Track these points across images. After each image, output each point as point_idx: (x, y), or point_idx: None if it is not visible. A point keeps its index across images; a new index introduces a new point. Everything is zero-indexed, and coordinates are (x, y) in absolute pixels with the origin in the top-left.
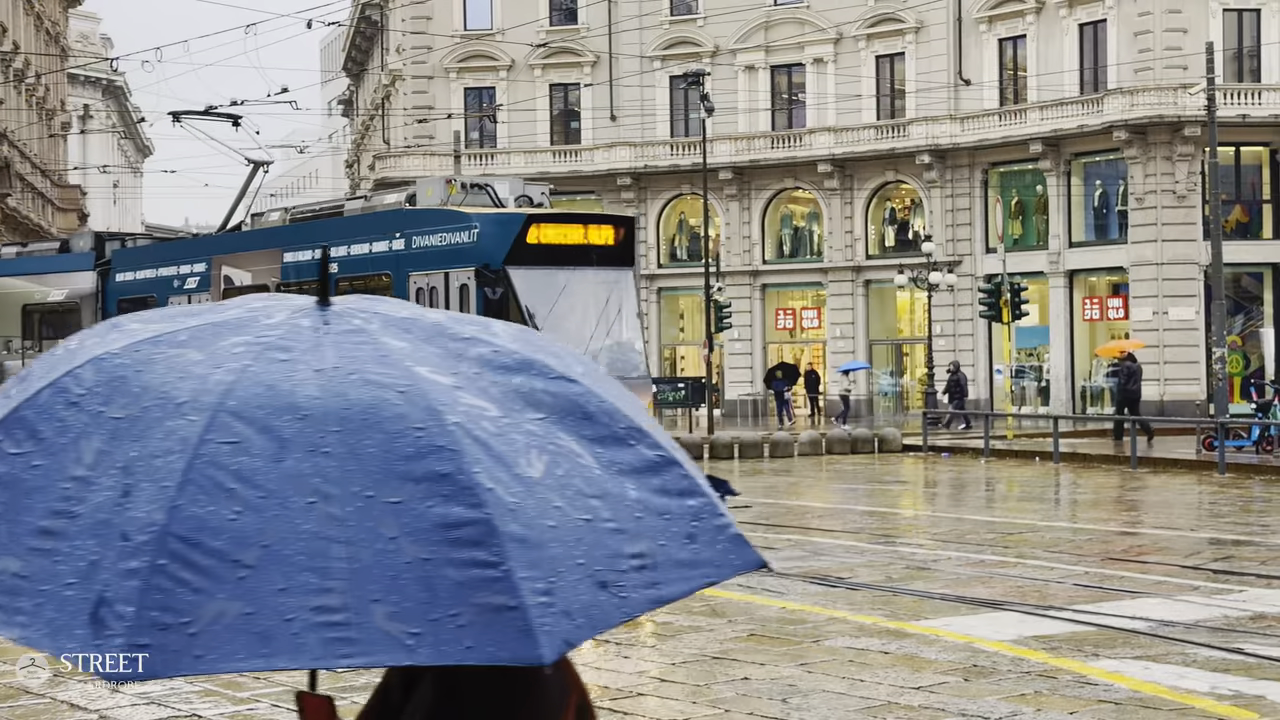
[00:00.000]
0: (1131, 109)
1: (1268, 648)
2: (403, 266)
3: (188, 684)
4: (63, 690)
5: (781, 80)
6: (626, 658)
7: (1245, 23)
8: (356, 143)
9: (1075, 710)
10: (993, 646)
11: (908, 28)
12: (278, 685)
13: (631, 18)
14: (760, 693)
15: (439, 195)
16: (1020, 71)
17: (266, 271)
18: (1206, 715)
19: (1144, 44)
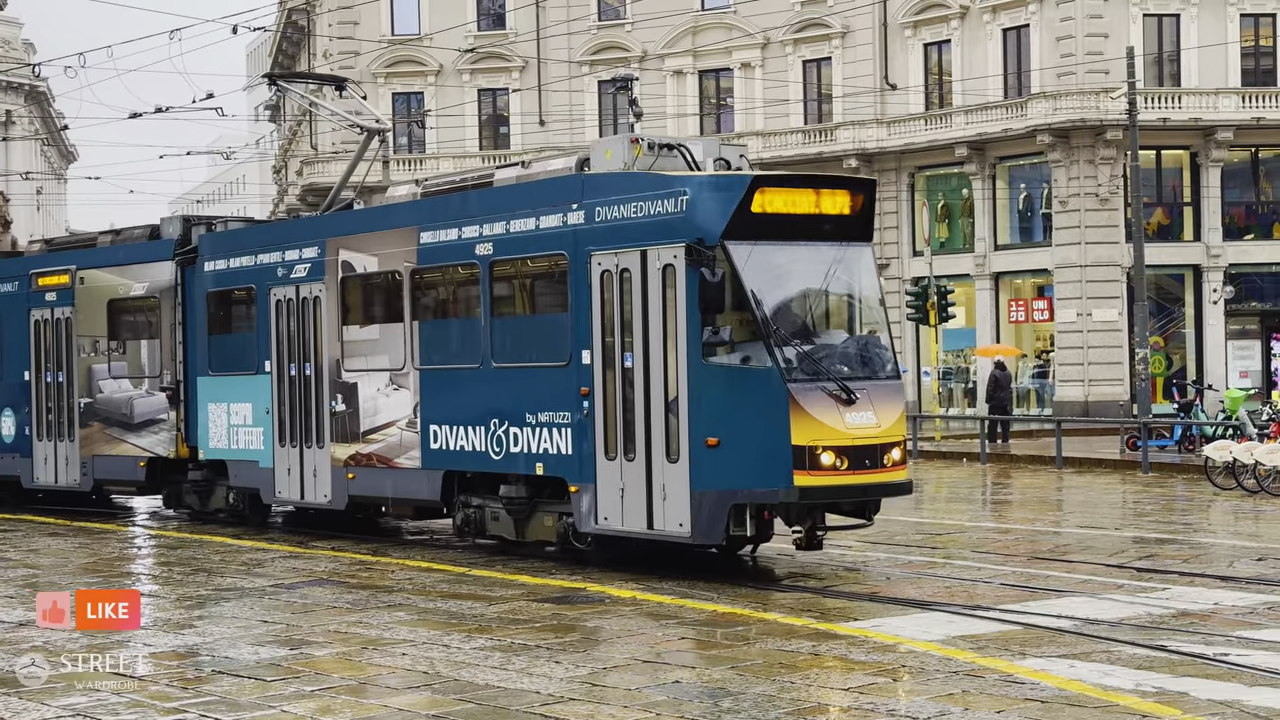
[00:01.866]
0: (1054, 113)
1: (1191, 645)
2: (582, 245)
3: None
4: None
5: (709, 85)
6: (558, 663)
7: (1165, 27)
8: (284, 148)
9: (1002, 709)
10: (921, 647)
11: (834, 33)
12: (206, 696)
13: (560, 23)
14: (692, 695)
15: (621, 157)
16: (945, 76)
17: (398, 256)
18: (1131, 712)
19: (1066, 49)
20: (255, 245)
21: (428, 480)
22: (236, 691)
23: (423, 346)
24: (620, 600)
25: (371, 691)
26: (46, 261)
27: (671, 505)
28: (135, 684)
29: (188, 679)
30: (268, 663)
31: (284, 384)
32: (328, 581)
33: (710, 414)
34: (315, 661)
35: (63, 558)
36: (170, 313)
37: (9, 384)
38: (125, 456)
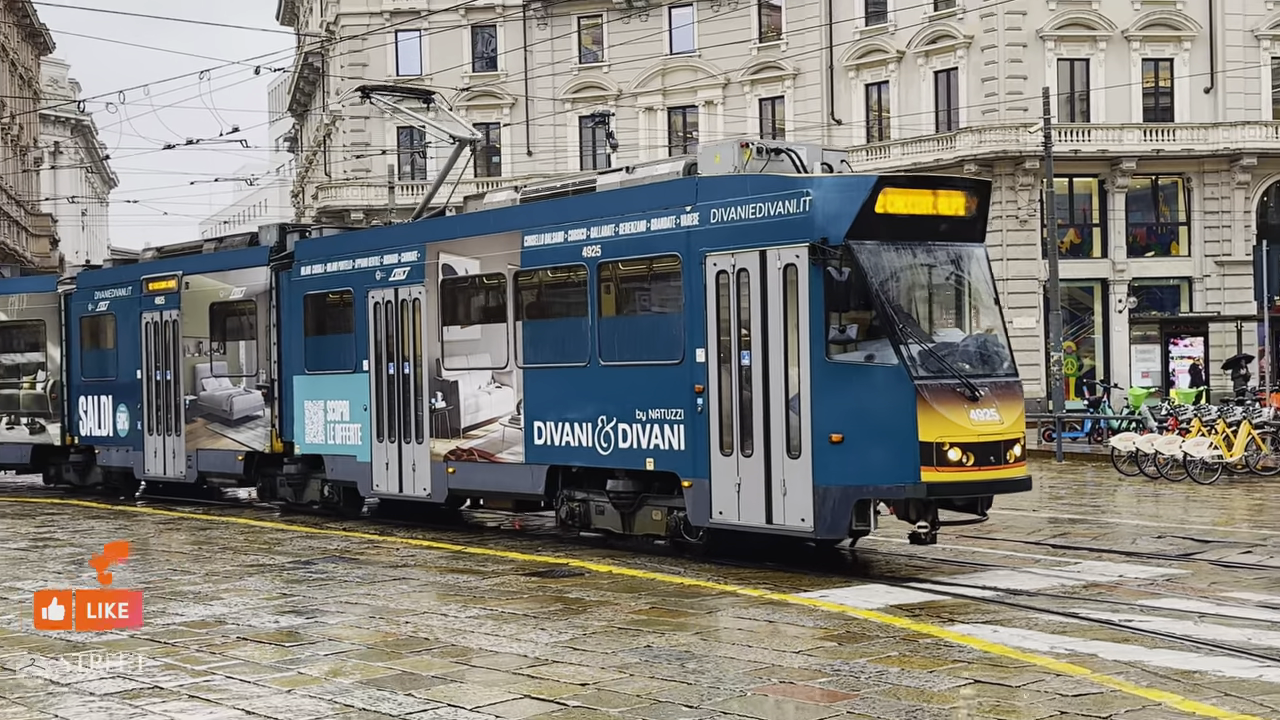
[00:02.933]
0: (980, 145)
1: (1099, 612)
2: (696, 246)
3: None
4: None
5: (677, 120)
6: (543, 629)
7: (1076, 70)
8: (301, 175)
9: (934, 669)
10: (863, 615)
11: (786, 74)
12: (232, 659)
13: (545, 65)
14: (661, 657)
15: (731, 161)
16: (885, 113)
17: (501, 258)
18: (1047, 671)
19: (990, 89)
20: (352, 250)
21: (531, 475)
22: (258, 655)
23: (526, 346)
24: (598, 574)
25: (378, 655)
26: (156, 268)
27: (792, 500)
28: (168, 649)
29: (215, 644)
30: (286, 630)
31: (382, 382)
32: (340, 558)
33: (834, 411)
34: (328, 629)
35: (105, 538)
36: (266, 315)
37: (123, 382)
38: (225, 450)
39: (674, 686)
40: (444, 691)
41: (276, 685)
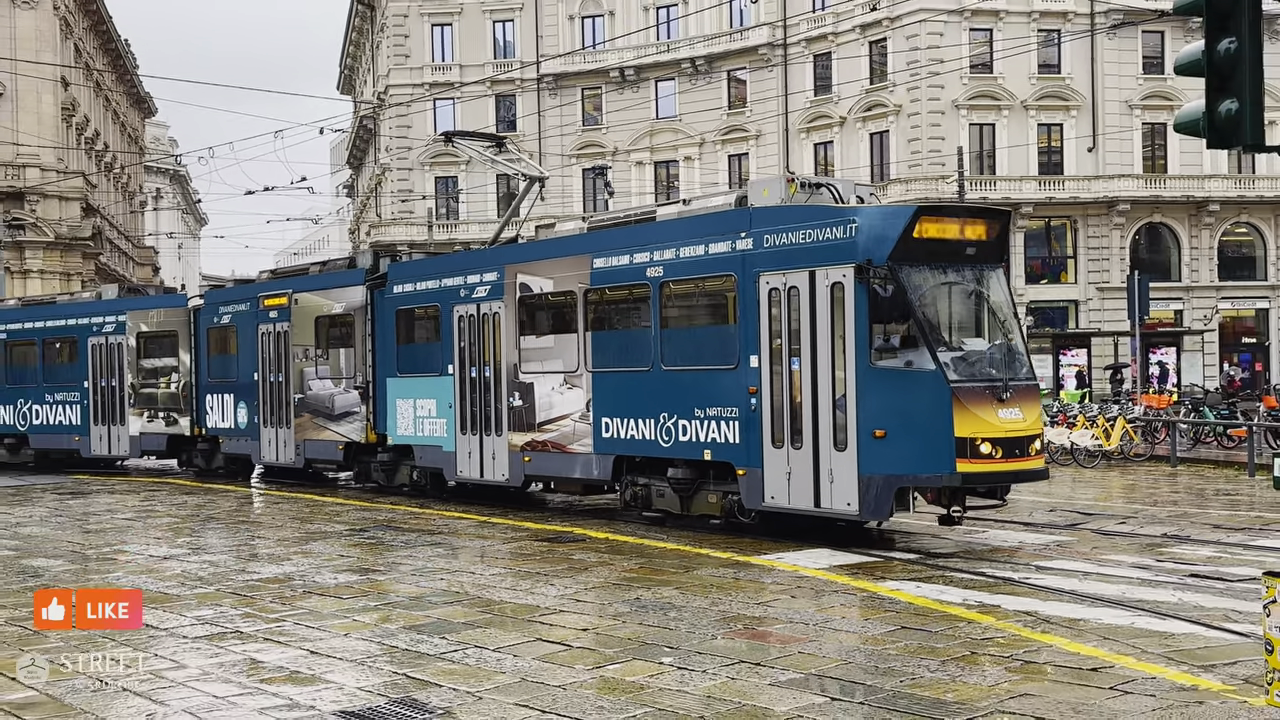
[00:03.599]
0: (906, 194)
1: (1002, 571)
2: (750, 267)
3: (242, 616)
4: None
5: (662, 172)
6: (551, 584)
7: (984, 133)
8: (356, 216)
9: (869, 617)
10: (812, 574)
11: (750, 135)
12: (299, 609)
13: (554, 126)
14: (648, 607)
15: (778, 194)
16: (829, 167)
17: (573, 278)
18: (960, 619)
19: (915, 148)
20: (438, 272)
21: (599, 463)
22: (321, 606)
23: (594, 352)
24: (597, 540)
25: (419, 605)
26: (270, 287)
27: (839, 487)
28: (247, 600)
29: (285, 597)
30: (343, 585)
31: (465, 384)
32: (387, 526)
33: (877, 410)
34: (378, 584)
35: (195, 510)
36: (362, 326)
37: (243, 383)
38: (328, 440)
39: (658, 631)
40: (471, 635)
41: (336, 630)
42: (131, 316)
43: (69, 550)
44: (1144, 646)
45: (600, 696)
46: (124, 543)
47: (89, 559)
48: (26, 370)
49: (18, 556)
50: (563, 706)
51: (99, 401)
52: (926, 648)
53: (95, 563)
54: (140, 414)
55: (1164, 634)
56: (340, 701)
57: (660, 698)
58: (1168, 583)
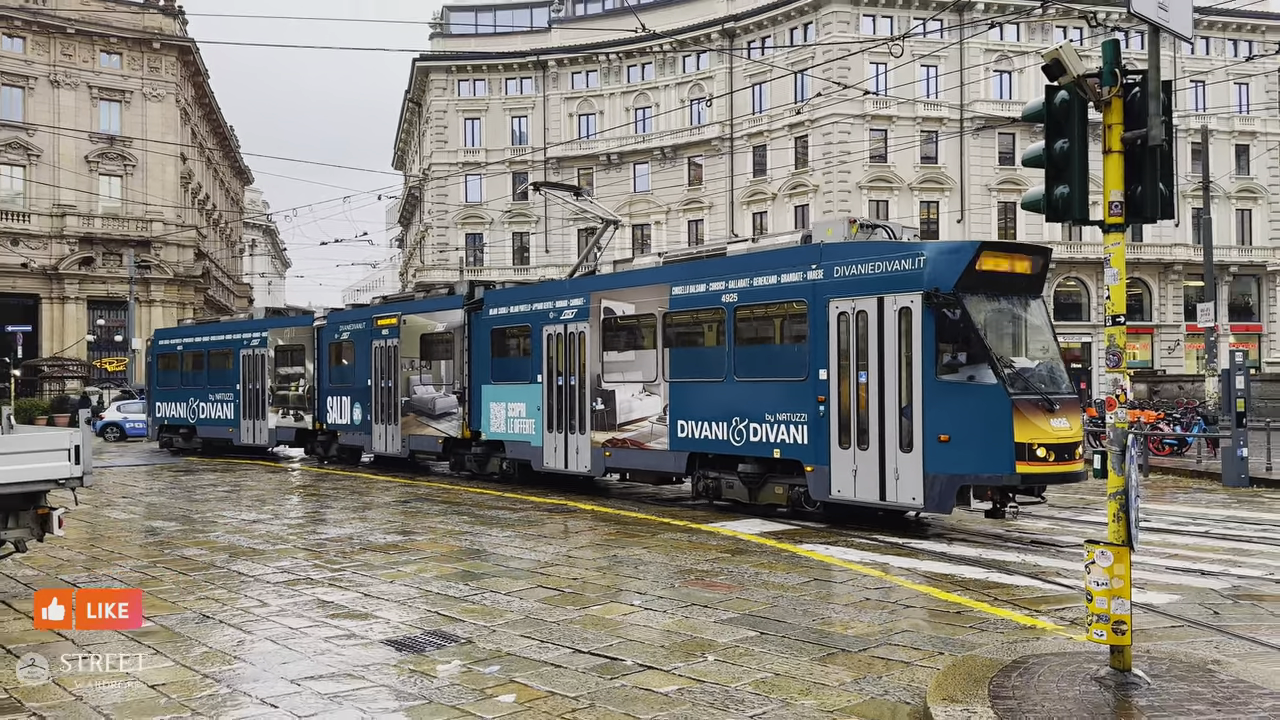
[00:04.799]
0: None
1: (892, 538)
2: (821, 293)
3: (312, 567)
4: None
5: (639, 233)
6: (549, 545)
7: (880, 208)
8: (405, 262)
9: (790, 571)
10: (747, 538)
11: (705, 206)
12: (356, 561)
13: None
14: (623, 562)
15: (841, 233)
16: (764, 232)
17: (653, 303)
18: (857, 573)
19: (829, 217)
20: (529, 298)
21: (674, 459)
22: (373, 560)
23: (671, 365)
24: (584, 511)
25: (447, 558)
26: (382, 310)
27: (904, 483)
28: (316, 555)
29: (345, 552)
30: (389, 544)
31: (552, 390)
32: (425, 499)
33: (942, 417)
34: (417, 543)
35: (274, 483)
36: (460, 342)
37: (357, 388)
38: (429, 435)
39: (630, 580)
40: (488, 583)
41: (383, 578)
42: (271, 333)
43: (180, 515)
44: (995, 595)
45: (585, 630)
46: (222, 510)
47: (194, 522)
48: (196, 375)
49: (144, 519)
50: (557, 638)
51: (246, 401)
52: (831, 594)
53: (199, 525)
54: (276, 411)
55: (1011, 586)
56: (386, 633)
57: (631, 631)
58: (1014, 547)
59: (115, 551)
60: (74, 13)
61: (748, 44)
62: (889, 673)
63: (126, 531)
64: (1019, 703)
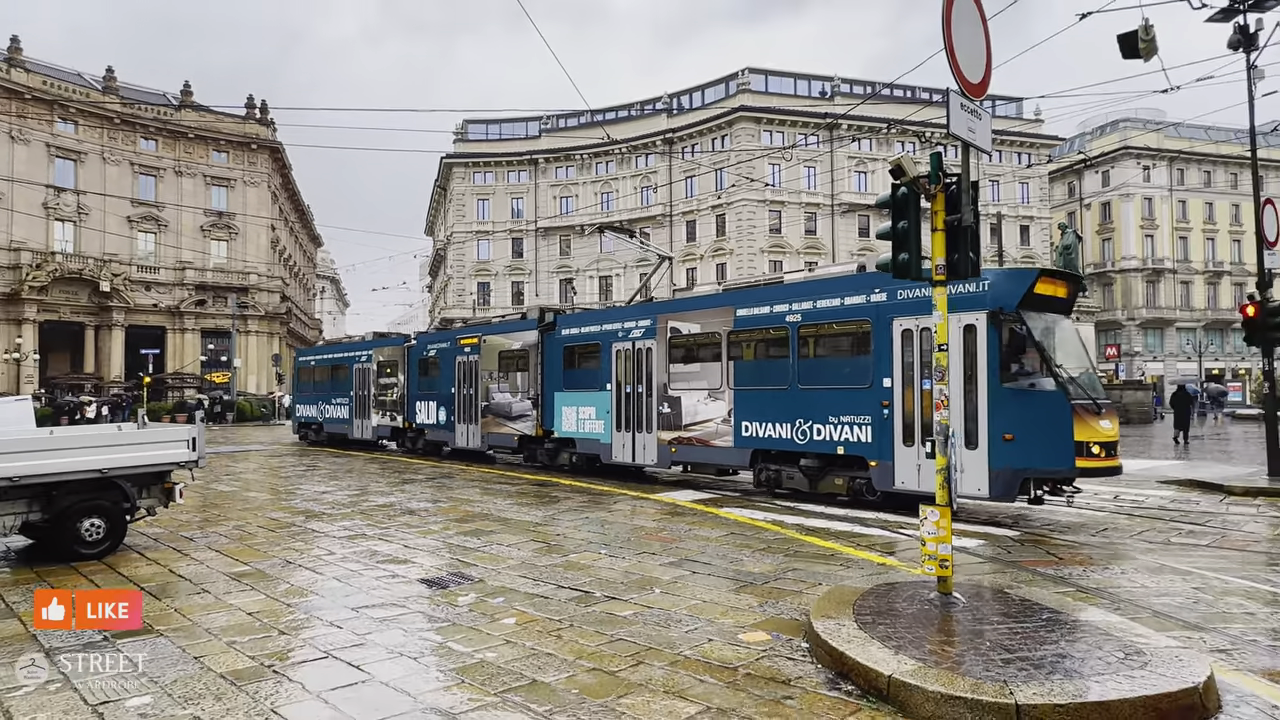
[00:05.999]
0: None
1: (791, 504)
2: (884, 313)
3: (360, 520)
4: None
5: (604, 284)
6: (539, 509)
7: (776, 265)
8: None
9: (715, 527)
10: (682, 504)
11: (652, 265)
12: (397, 523)
13: (545, 258)
14: (591, 523)
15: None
16: (695, 282)
17: (718, 323)
18: (764, 529)
19: (739, 273)
20: (598, 320)
21: (738, 454)
22: (409, 521)
23: (736, 375)
24: (564, 485)
25: (461, 516)
26: (463, 332)
27: (969, 477)
28: (368, 517)
29: (390, 515)
30: (420, 510)
31: (620, 396)
32: (447, 477)
33: (1007, 419)
34: (439, 508)
35: (340, 468)
36: (535, 357)
37: (442, 394)
38: (506, 433)
39: (597, 535)
40: (492, 538)
41: (416, 534)
42: (375, 351)
43: (268, 487)
44: (858, 543)
45: (566, 571)
46: (300, 484)
47: (279, 493)
48: (322, 384)
49: (241, 490)
50: (546, 577)
51: (357, 404)
52: (743, 544)
53: (282, 495)
54: (378, 413)
55: (869, 536)
56: (421, 574)
57: (598, 572)
58: (877, 508)
59: (221, 515)
60: (194, 122)
61: (682, 149)
62: (784, 598)
63: (231, 500)
64: (874, 616)
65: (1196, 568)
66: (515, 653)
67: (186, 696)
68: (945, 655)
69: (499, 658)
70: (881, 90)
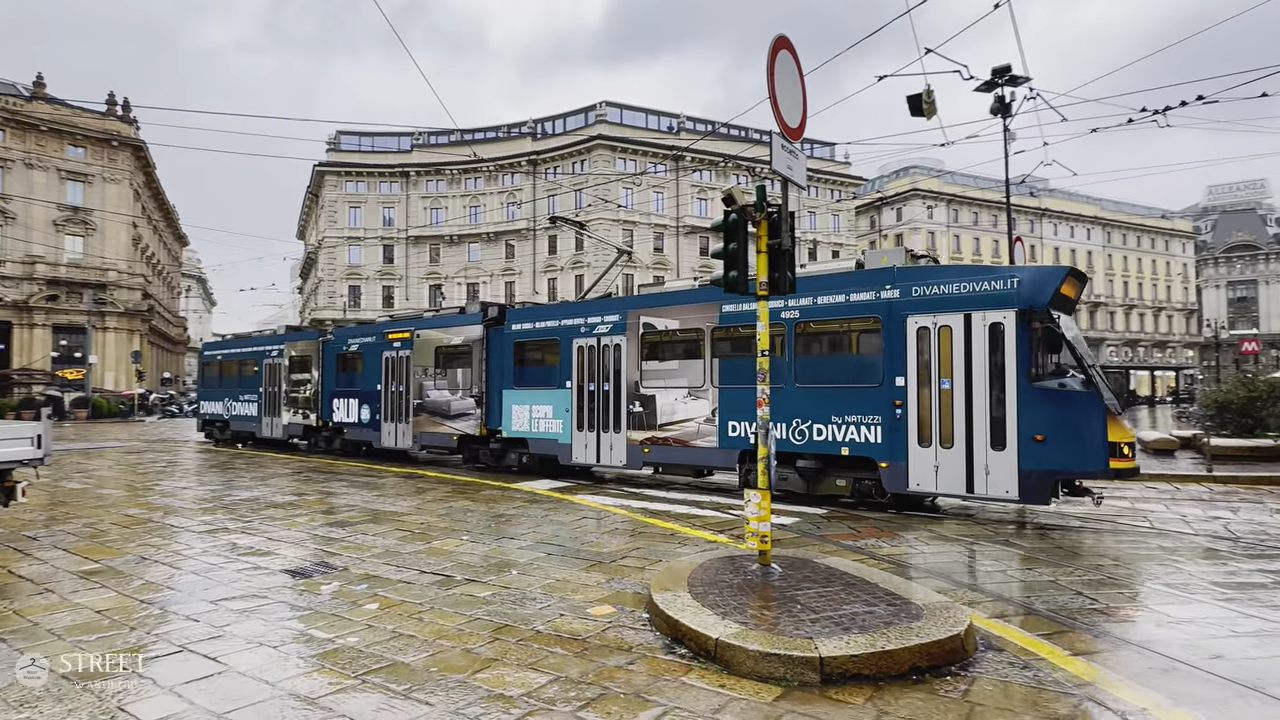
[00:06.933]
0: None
1: (633, 489)
2: (897, 310)
3: (222, 515)
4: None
5: (472, 289)
6: (405, 500)
7: (630, 281)
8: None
9: (569, 513)
10: (541, 492)
11: (516, 273)
12: (261, 516)
13: (416, 264)
14: (455, 512)
15: (898, 260)
16: (556, 293)
17: (700, 319)
18: (614, 513)
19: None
20: (556, 315)
21: (723, 455)
22: (273, 514)
23: (721, 373)
24: (431, 477)
25: (328, 513)
26: (391, 326)
27: (996, 478)
28: (231, 511)
29: (253, 509)
30: (286, 503)
31: (583, 395)
32: (314, 470)
33: (1037, 420)
34: (307, 501)
35: (205, 460)
36: (479, 353)
37: (365, 391)
38: (443, 433)
39: (459, 523)
40: (359, 529)
41: (281, 527)
42: (287, 346)
43: (124, 485)
44: (692, 524)
45: (428, 557)
46: (159, 481)
47: (136, 489)
48: (228, 379)
49: (94, 487)
50: (409, 563)
51: (266, 401)
52: (595, 527)
53: (140, 491)
54: (289, 410)
55: (704, 517)
56: (284, 565)
57: (460, 557)
58: (708, 491)
59: (70, 513)
60: (48, 114)
61: (545, 170)
62: (629, 575)
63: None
64: (705, 587)
65: (963, 537)
66: (377, 636)
67: (22, 700)
68: (764, 618)
69: (360, 642)
70: (720, 129)
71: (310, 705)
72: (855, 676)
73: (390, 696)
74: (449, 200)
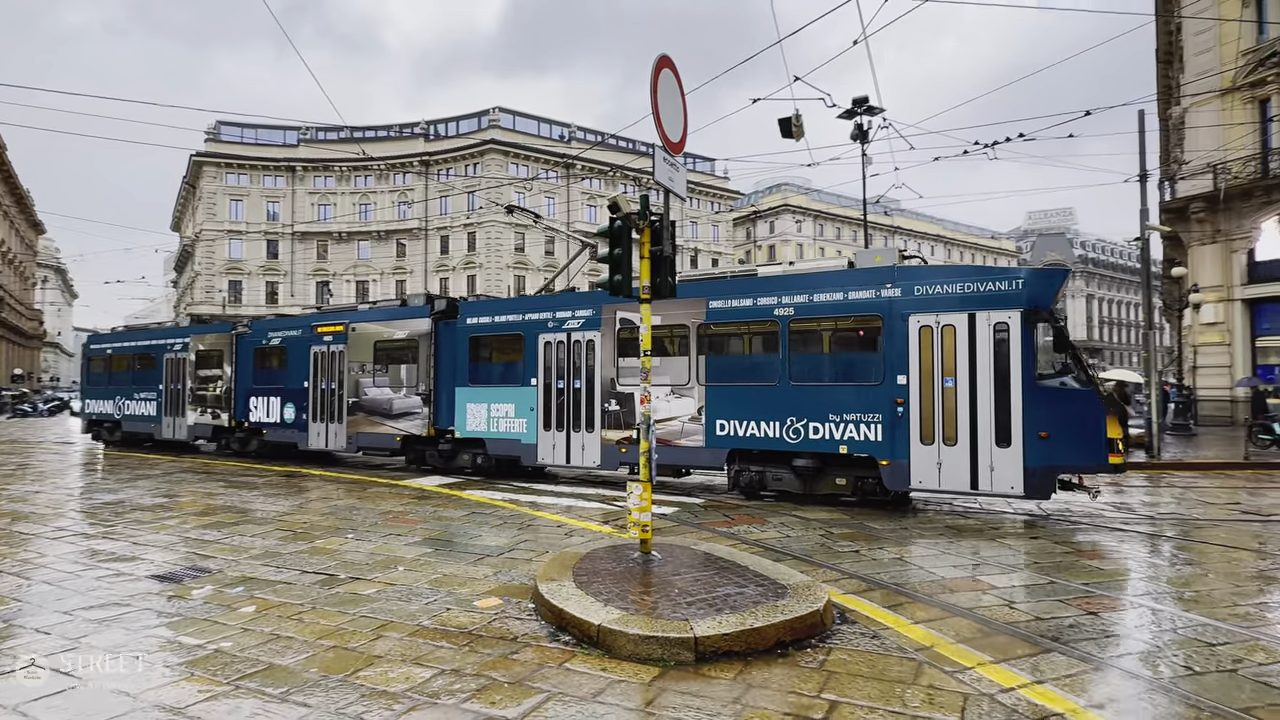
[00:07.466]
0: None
1: (525, 484)
2: (897, 309)
3: (80, 520)
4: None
5: (360, 287)
6: (286, 500)
7: (520, 281)
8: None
9: (458, 508)
10: (429, 488)
11: (407, 271)
12: (127, 520)
13: (302, 260)
14: (340, 510)
15: (890, 259)
16: (448, 293)
17: (688, 315)
18: (500, 507)
19: (488, 288)
20: (519, 309)
21: (711, 454)
22: (141, 518)
23: (708, 370)
24: (315, 477)
25: (203, 514)
26: (321, 319)
27: (1000, 474)
28: (92, 515)
29: (117, 513)
30: (155, 505)
31: (551, 393)
32: (188, 471)
33: (1041, 417)
34: (179, 503)
35: (69, 462)
36: (427, 349)
37: (289, 388)
38: (384, 433)
39: (345, 521)
40: (235, 530)
41: (149, 531)
42: (193, 339)
43: None
44: (580, 516)
45: (311, 557)
46: (5, 486)
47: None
48: (120, 376)
49: None
50: (290, 564)
51: (168, 399)
52: (483, 521)
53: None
54: (195, 409)
55: (590, 509)
56: (151, 570)
57: (345, 555)
58: (598, 485)
59: None
60: None
61: (438, 171)
62: (516, 567)
63: None
64: (589, 576)
65: (821, 520)
66: (253, 640)
67: None
68: (643, 604)
69: (234, 646)
70: (609, 139)
71: (177, 715)
72: (727, 654)
73: (266, 701)
74: (338, 197)
